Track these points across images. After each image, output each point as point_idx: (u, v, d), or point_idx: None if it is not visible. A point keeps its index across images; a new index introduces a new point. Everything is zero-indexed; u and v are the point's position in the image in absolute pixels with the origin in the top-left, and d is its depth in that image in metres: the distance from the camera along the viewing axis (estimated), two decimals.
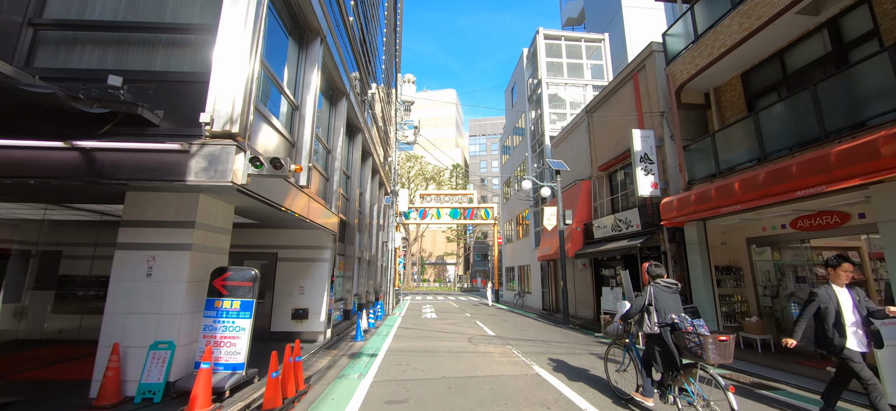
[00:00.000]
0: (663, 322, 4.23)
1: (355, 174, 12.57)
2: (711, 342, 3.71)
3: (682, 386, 3.98)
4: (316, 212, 7.63)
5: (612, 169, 12.29)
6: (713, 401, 3.68)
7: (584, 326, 12.05)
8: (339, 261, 11.32)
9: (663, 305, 4.30)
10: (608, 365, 5.33)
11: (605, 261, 12.63)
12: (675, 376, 4.08)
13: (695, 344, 3.83)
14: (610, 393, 5.09)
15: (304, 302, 8.82)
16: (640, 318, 4.49)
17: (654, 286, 4.44)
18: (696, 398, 3.79)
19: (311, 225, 7.89)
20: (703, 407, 3.73)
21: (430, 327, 11.80)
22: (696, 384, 3.82)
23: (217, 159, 4.26)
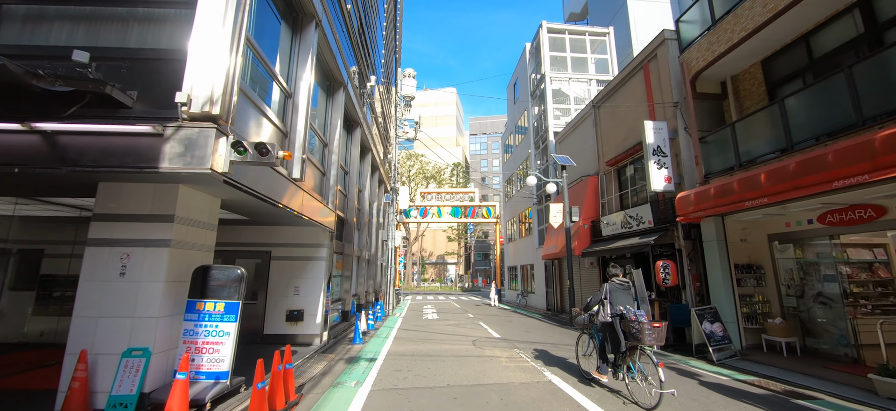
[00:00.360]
0: (614, 312, 5.21)
1: (354, 170, 12.10)
2: (647, 327, 4.66)
3: (628, 364, 4.87)
4: (311, 208, 7.16)
5: (620, 163, 11.81)
6: (649, 376, 4.58)
7: None
8: (337, 260, 10.86)
9: (616, 299, 5.32)
10: (578, 351, 6.30)
11: (613, 259, 12.15)
12: (623, 356, 4.94)
13: (636, 329, 4.74)
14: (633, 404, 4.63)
15: (299, 303, 8.36)
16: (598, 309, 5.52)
17: (610, 283, 5.49)
18: (636, 373, 4.74)
19: (307, 221, 7.43)
20: (642, 380, 4.64)
21: (431, 329, 11.33)
22: (639, 363, 4.74)
23: (194, 144, 3.80)
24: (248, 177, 4.65)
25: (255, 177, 4.88)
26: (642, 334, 4.61)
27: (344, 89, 9.72)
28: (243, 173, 4.54)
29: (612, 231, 11.48)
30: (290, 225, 8.52)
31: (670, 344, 8.47)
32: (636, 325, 4.72)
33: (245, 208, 6.52)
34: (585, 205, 13.00)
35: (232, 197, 5.39)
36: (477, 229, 54.99)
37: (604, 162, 12.80)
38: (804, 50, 7.27)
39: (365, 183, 14.69)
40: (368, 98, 13.70)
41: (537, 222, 20.14)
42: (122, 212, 4.49)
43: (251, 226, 8.52)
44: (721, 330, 7.39)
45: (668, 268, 8.41)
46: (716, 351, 7.08)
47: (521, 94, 23.74)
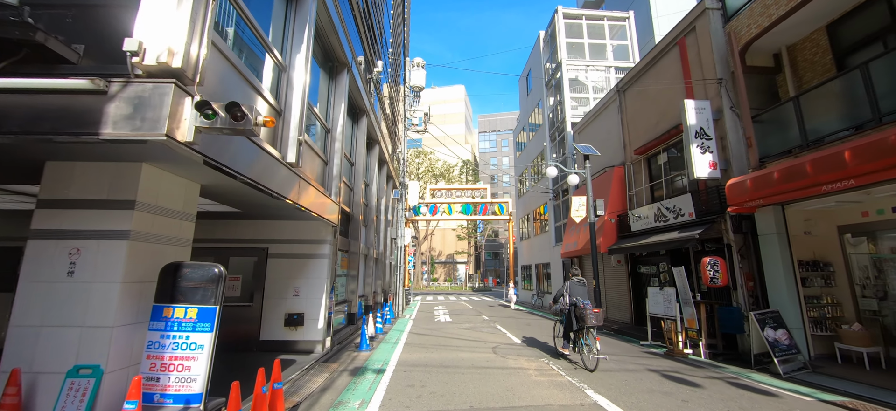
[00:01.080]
0: (571, 302, 6.74)
1: (360, 162, 11.25)
2: (590, 313, 6.31)
3: (580, 340, 6.48)
4: (311, 199, 6.31)
5: (651, 151, 10.73)
6: (593, 348, 6.11)
7: (620, 331, 10.53)
8: (342, 258, 10.02)
9: (573, 292, 6.84)
10: (554, 333, 7.87)
11: (643, 256, 11.08)
12: (576, 334, 6.60)
13: (582, 314, 6.37)
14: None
15: (298, 305, 7.51)
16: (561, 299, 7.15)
17: (570, 281, 7.05)
18: (584, 346, 6.35)
19: (306, 214, 6.58)
20: (588, 351, 6.20)
21: (445, 333, 10.41)
22: (586, 337, 6.34)
23: (146, 103, 2.93)
24: (233, 158, 3.79)
25: (244, 159, 4.03)
26: (587, 316, 6.29)
27: (348, 71, 8.85)
28: (225, 151, 3.69)
29: (642, 225, 10.42)
30: (289, 219, 7.68)
31: (719, 353, 7.41)
32: (583, 312, 6.37)
33: (234, 197, 5.68)
34: (610, 199, 11.94)
35: (214, 181, 4.53)
36: (487, 228, 53.95)
37: (631, 151, 11.72)
38: (885, 8, 6.15)
39: (372, 177, 13.84)
40: (375, 85, 12.84)
41: (553, 219, 19.09)
42: (73, 196, 3.66)
43: (246, 220, 7.70)
44: (786, 338, 6.32)
45: (717, 266, 7.35)
46: (782, 363, 6.02)
47: (535, 86, 22.68)
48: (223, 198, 5.75)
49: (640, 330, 10.20)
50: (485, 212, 24.96)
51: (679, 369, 6.29)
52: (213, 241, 7.68)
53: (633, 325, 11.15)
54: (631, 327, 11.02)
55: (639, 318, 11.15)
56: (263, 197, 5.22)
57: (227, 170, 3.78)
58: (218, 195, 5.38)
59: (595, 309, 6.42)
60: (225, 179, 4.26)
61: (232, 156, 3.85)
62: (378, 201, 16.14)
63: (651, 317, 8.69)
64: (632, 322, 11.25)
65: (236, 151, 3.94)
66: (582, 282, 6.96)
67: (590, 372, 5.98)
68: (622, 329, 10.71)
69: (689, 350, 7.57)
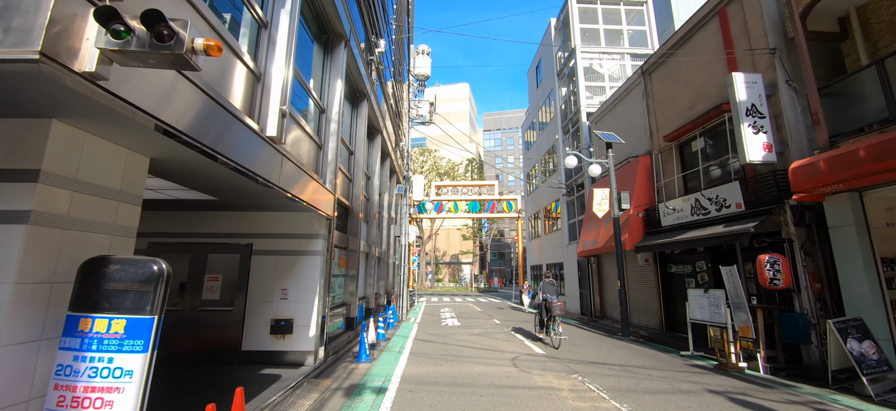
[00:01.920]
0: (544, 298, 8.83)
1: (360, 151, 10.23)
2: (555, 306, 8.56)
3: (549, 326, 8.58)
4: (302, 186, 5.30)
5: (684, 137, 9.61)
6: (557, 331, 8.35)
7: (650, 339, 9.41)
8: (340, 256, 8.99)
9: (545, 291, 8.91)
10: (535, 322, 9.77)
11: (675, 255, 9.96)
12: (547, 321, 8.66)
13: (549, 307, 8.59)
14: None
15: (286, 310, 6.49)
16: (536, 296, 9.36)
17: (543, 281, 9.26)
18: (553, 331, 8.36)
19: (296, 205, 5.57)
20: (555, 334, 8.27)
21: (454, 339, 9.35)
22: (553, 324, 8.43)
23: (11, 5, 1.90)
24: (189, 119, 2.78)
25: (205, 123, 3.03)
26: (552, 309, 8.49)
27: (346, 46, 7.84)
28: (171, 105, 2.67)
29: (676, 219, 9.30)
30: (276, 210, 6.68)
31: (781, 368, 6.30)
32: (550, 305, 8.54)
33: (204, 180, 4.66)
34: (636, 192, 10.83)
35: (168, 154, 3.52)
36: (493, 227, 52.86)
37: (659, 138, 10.61)
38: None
39: (374, 169, 12.83)
40: (378, 71, 11.83)
41: (566, 216, 17.98)
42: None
43: (226, 212, 6.70)
44: (874, 352, 5.21)
45: (777, 265, 6.23)
46: (872, 382, 4.91)
47: (546, 77, 21.58)
48: (190, 181, 4.73)
49: (673, 338, 9.09)
50: (493, 210, 23.89)
51: (743, 390, 5.19)
52: (189, 236, 6.68)
53: (663, 332, 10.02)
54: (661, 334, 9.90)
55: (670, 324, 10.03)
56: (241, 180, 4.22)
57: (179, 135, 2.76)
58: (180, 174, 4.36)
59: (558, 303, 8.85)
60: (182, 152, 3.25)
61: (186, 115, 2.84)
62: (380, 196, 15.12)
63: (692, 324, 7.57)
64: (662, 328, 10.12)
65: (192, 110, 2.92)
66: (552, 283, 9.23)
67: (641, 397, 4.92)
68: (652, 336, 9.59)
69: (743, 363, 6.46)
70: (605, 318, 13.55)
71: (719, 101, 8.34)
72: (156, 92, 2.58)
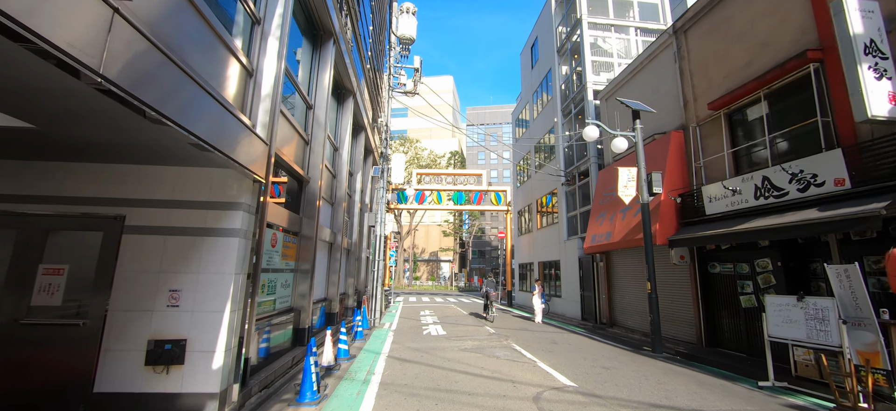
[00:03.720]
0: (486, 291, 13.20)
1: (322, 107, 7.70)
2: (493, 296, 13.18)
3: (489, 311, 12.74)
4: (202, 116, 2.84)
5: (739, 102, 7.61)
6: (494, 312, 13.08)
7: (691, 357, 7.39)
8: (287, 243, 6.47)
9: (487, 286, 13.38)
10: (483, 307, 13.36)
11: (721, 251, 7.98)
12: (488, 307, 12.81)
13: (489, 295, 13.07)
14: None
15: (177, 324, 3.94)
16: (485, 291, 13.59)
17: (487, 280, 14.15)
18: (491, 313, 12.70)
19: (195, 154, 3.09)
20: (490, 315, 12.62)
21: (441, 357, 7.01)
22: (491, 309, 12.83)
23: None
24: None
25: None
26: (490, 296, 12.93)
27: None
28: None
29: (729, 205, 7.30)
30: (166, 162, 4.12)
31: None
32: (489, 294, 12.99)
33: (15, 97, 2.09)
34: (666, 174, 8.81)
35: None
36: (474, 225, 50.87)
37: (698, 108, 8.62)
38: None
39: (343, 140, 10.29)
40: (352, 6, 9.29)
41: (565, 207, 15.96)
42: None
43: (84, 163, 4.09)
44: None
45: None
46: None
47: (543, 55, 19.53)
48: None
49: (720, 357, 7.09)
50: (480, 202, 21.66)
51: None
52: (15, 200, 4.03)
53: (702, 347, 8.03)
54: (700, 349, 7.90)
55: (712, 337, 8.05)
56: (86, 97, 1.73)
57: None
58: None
59: (493, 293, 13.21)
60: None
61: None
62: (351, 177, 12.56)
63: (770, 342, 5.52)
64: (701, 342, 8.12)
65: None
66: (492, 282, 13.73)
67: None
68: (692, 354, 7.55)
69: (865, 404, 4.43)
70: (614, 326, 11.54)
71: (799, 49, 6.37)
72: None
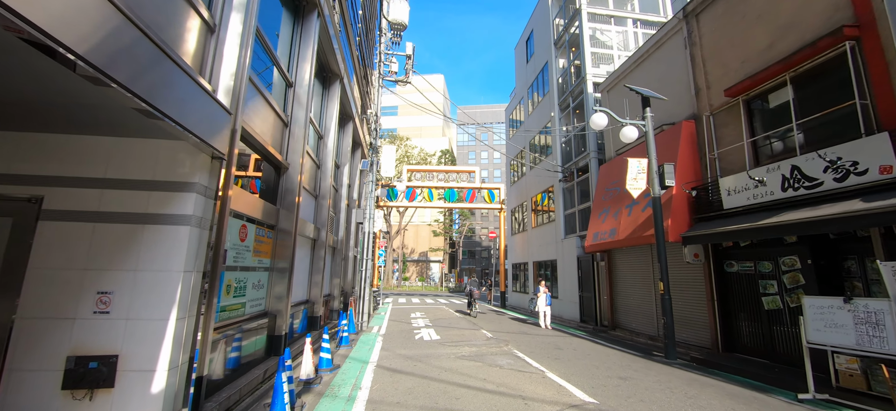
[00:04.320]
0: (469, 290, 14.34)
1: (304, 86, 6.87)
2: (476, 294, 14.32)
3: (472, 308, 14.07)
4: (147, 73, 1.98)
5: (760, 87, 7.04)
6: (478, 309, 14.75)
7: (708, 363, 6.79)
8: (260, 237, 5.62)
9: (470, 285, 14.54)
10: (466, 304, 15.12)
11: (739, 249, 7.40)
12: (471, 304, 14.08)
13: (473, 293, 14.22)
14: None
15: (105, 335, 3.09)
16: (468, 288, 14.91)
17: (469, 280, 17.64)
18: (475, 308, 14.15)
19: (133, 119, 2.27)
20: (473, 312, 14.06)
21: (437, 367, 6.25)
22: (474, 306, 14.14)
23: None
24: None
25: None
26: (473, 295, 14.09)
27: None
28: None
29: (750, 198, 6.71)
30: (97, 132, 3.27)
31: None
32: (472, 292, 14.13)
33: None
34: (678, 166, 8.22)
35: None
36: (464, 224, 50.22)
37: (712, 95, 8.06)
38: None
39: (329, 127, 9.44)
40: None
41: (562, 205, 15.37)
42: None
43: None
44: None
45: None
46: None
47: (538, 49, 18.94)
48: None
49: (741, 363, 6.50)
50: (472, 200, 20.96)
51: None
52: None
53: (719, 353, 7.44)
54: (717, 355, 7.31)
55: (729, 342, 7.47)
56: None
57: None
58: None
59: (476, 292, 14.42)
60: None
61: None
62: (338, 169, 11.71)
63: (810, 349, 4.91)
64: (717, 347, 7.53)
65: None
66: (475, 282, 15.47)
67: None
68: (708, 359, 6.95)
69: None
70: (617, 328, 10.94)
71: (831, 27, 5.81)
72: None
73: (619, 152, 11.17)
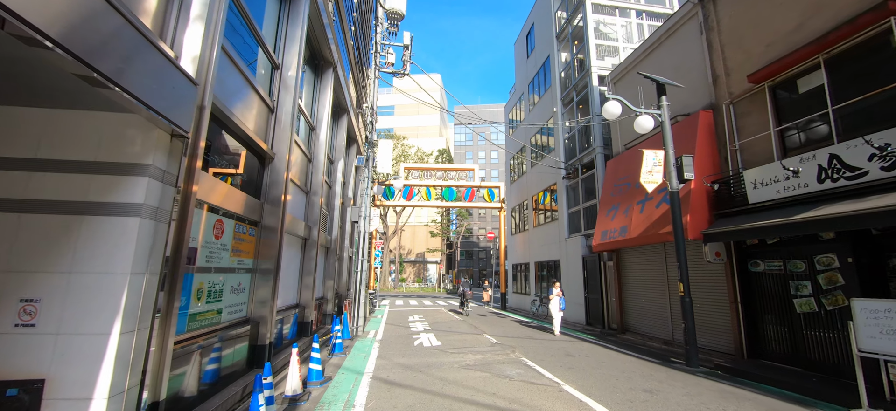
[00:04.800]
0: (462, 291, 15.45)
1: (292, 69, 6.26)
2: (468, 294, 15.72)
3: (465, 307, 15.04)
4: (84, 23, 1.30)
5: (788, 72, 6.51)
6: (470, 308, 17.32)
7: (732, 371, 6.23)
8: (243, 234, 5.00)
9: (464, 286, 15.73)
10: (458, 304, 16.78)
11: (769, 247, 6.85)
12: (464, 303, 15.09)
13: (466, 293, 15.50)
14: None
15: (29, 355, 2.45)
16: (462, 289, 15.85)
17: (463, 280, 16.76)
18: (468, 308, 15.31)
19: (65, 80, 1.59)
20: (467, 311, 15.09)
21: (440, 376, 5.64)
22: (467, 306, 15.19)
23: None
24: None
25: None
26: (465, 295, 15.29)
27: None
28: None
29: (780, 192, 6.17)
30: (25, 102, 2.64)
31: None
32: (466, 292, 15.40)
33: None
34: (696, 158, 7.67)
35: None
36: (462, 225, 49.64)
37: (736, 81, 7.53)
38: None
39: (321, 118, 8.83)
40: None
41: (566, 203, 14.82)
42: None
43: None
44: None
45: None
46: None
47: (540, 44, 18.42)
48: None
49: (770, 371, 5.94)
50: (472, 199, 20.36)
51: None
52: None
53: (744, 359, 6.88)
54: (743, 362, 6.75)
55: (754, 348, 6.91)
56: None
57: None
58: None
59: (469, 292, 15.78)
60: None
61: None
62: (332, 164, 11.10)
63: (862, 357, 4.36)
64: (742, 353, 6.97)
65: None
66: (468, 283, 16.35)
67: None
68: (736, 367, 6.39)
69: None
70: (627, 332, 10.38)
71: (870, 4, 5.28)
72: None
73: (628, 146, 10.63)
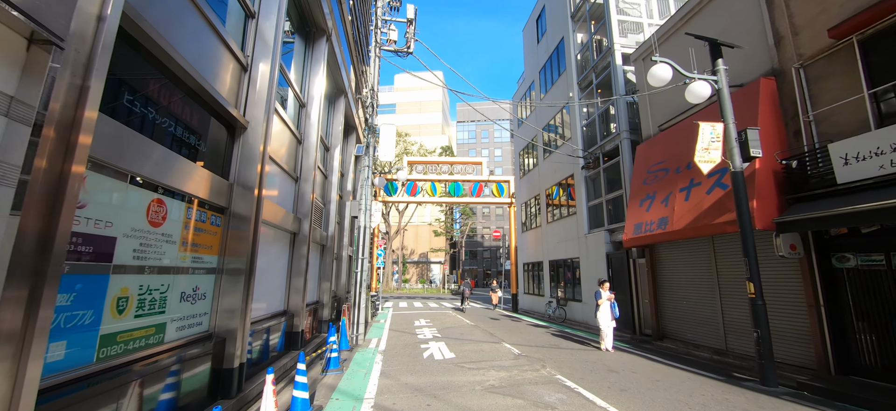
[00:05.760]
0: (462, 290, 18.57)
1: (272, 18, 5.04)
2: (467, 293, 18.63)
3: (464, 304, 17.92)
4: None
5: (882, 22, 5.24)
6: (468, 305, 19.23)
7: (827, 392, 4.97)
8: (204, 223, 3.78)
9: (465, 286, 19.03)
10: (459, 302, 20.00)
11: (862, 237, 5.58)
12: (463, 301, 17.86)
13: (466, 292, 18.56)
14: None
15: None
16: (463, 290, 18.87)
17: (464, 282, 19.85)
18: (466, 305, 18.35)
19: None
20: (466, 307, 18.11)
21: (461, 404, 4.44)
22: (466, 303, 18.52)
23: None
24: None
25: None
26: (465, 294, 18.20)
27: None
28: None
29: (882, 167, 4.91)
30: None
31: None
32: (465, 291, 18.43)
33: None
34: (760, 133, 6.40)
35: None
36: (466, 224, 48.38)
37: (806, 40, 6.27)
38: None
39: (314, 95, 7.64)
40: None
41: (585, 196, 13.56)
42: None
43: None
44: None
45: None
46: None
47: (552, 26, 17.17)
48: None
49: (871, 391, 4.67)
50: (480, 194, 19.12)
51: None
52: None
53: (830, 375, 5.60)
54: (829, 378, 5.47)
55: (844, 362, 5.63)
56: None
57: None
58: None
59: (467, 291, 18.63)
60: None
61: None
62: (328, 151, 9.90)
63: None
64: (827, 368, 5.69)
65: None
66: (468, 283, 19.41)
67: None
68: (824, 388, 5.12)
69: None
70: (665, 338, 9.11)
71: None
72: None
73: (664, 128, 9.37)
